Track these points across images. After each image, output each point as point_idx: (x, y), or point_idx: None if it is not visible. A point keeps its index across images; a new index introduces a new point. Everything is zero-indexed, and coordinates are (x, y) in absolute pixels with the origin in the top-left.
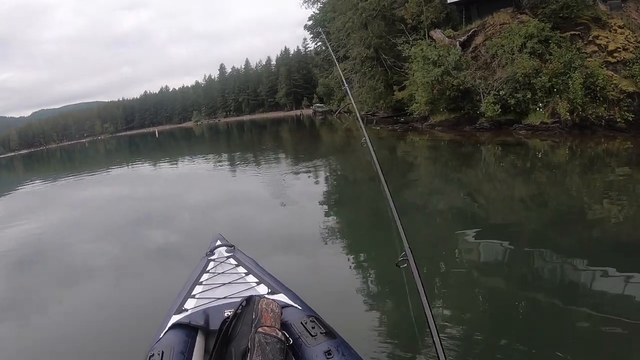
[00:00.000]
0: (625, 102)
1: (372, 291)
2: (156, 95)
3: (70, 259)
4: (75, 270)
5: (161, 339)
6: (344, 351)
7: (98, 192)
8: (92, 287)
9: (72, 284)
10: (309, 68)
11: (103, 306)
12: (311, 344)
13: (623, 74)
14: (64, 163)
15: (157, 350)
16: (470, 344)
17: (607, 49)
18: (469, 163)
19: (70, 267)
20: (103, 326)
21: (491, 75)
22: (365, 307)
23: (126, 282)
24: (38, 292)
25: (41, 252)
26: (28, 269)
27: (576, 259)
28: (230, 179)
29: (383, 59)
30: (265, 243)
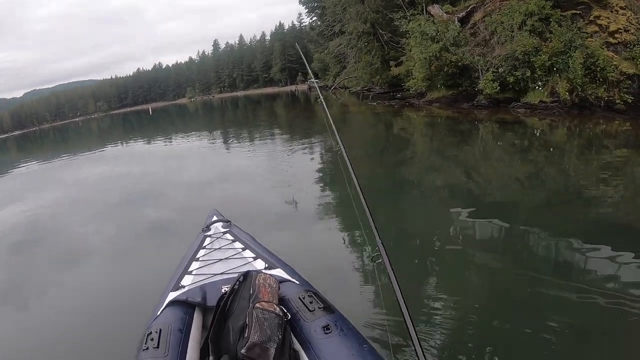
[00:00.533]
0: (625, 84)
1: (369, 266)
2: (149, 73)
3: (66, 239)
4: (71, 249)
5: (159, 316)
6: (342, 326)
7: (92, 171)
8: (88, 265)
9: (68, 263)
10: (304, 43)
11: (99, 285)
12: (309, 319)
13: (624, 55)
14: (57, 143)
15: (155, 328)
16: (466, 322)
17: (608, 29)
18: (466, 140)
19: (66, 246)
20: (100, 304)
21: (490, 52)
22: (363, 282)
23: (122, 260)
24: (34, 272)
25: (36, 233)
26: (23, 250)
27: (571, 238)
28: (224, 155)
29: (380, 34)
30: (261, 218)
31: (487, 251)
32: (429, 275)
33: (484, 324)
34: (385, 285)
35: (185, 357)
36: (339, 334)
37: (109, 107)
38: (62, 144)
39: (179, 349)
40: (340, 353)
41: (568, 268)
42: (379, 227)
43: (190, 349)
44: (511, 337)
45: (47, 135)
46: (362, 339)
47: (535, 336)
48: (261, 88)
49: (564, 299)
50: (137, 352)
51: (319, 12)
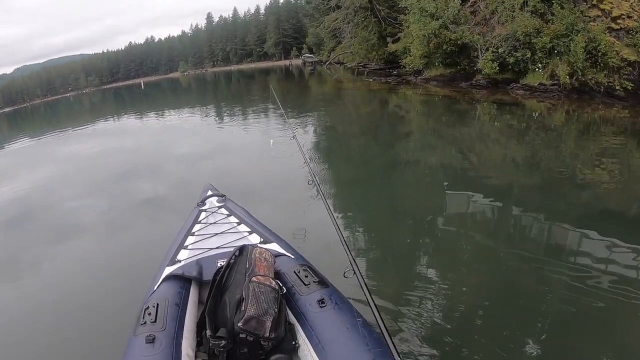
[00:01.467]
0: (626, 70)
1: (362, 240)
2: (141, 46)
3: (60, 215)
4: (66, 225)
5: (155, 291)
6: (337, 300)
7: (84, 147)
8: (83, 241)
9: (63, 240)
10: (299, 17)
11: (95, 260)
12: (304, 293)
13: (625, 41)
14: (49, 119)
15: (152, 303)
16: (458, 299)
17: (610, 14)
18: (463, 120)
19: (60, 222)
20: (96, 280)
21: (490, 31)
22: (357, 256)
23: (117, 235)
24: (28, 248)
25: (30, 209)
26: (16, 226)
27: (563, 222)
28: (218, 130)
29: (377, 9)
30: (255, 193)
31: (479, 231)
32: (420, 252)
33: (476, 305)
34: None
35: (182, 331)
36: (334, 307)
37: (100, 81)
38: (53, 120)
39: (176, 323)
40: (335, 326)
41: (559, 250)
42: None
43: (188, 323)
44: (502, 320)
45: (38, 111)
46: (356, 312)
47: (526, 320)
48: (255, 62)
49: (554, 281)
50: (134, 326)
51: None
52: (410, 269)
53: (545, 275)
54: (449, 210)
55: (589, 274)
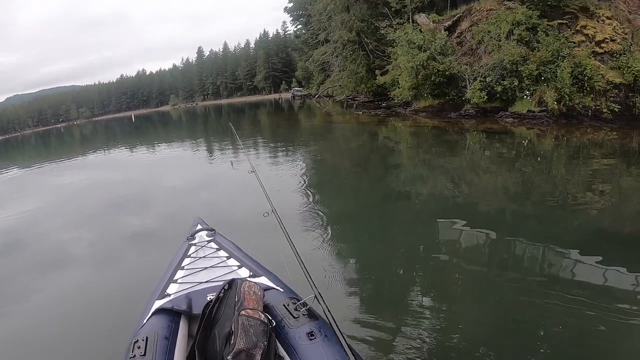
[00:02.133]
0: (612, 93)
1: (354, 273)
2: (133, 79)
3: (48, 246)
4: (54, 256)
5: (145, 324)
6: (327, 332)
7: (74, 178)
8: (71, 273)
9: (51, 271)
10: (288, 52)
11: (84, 293)
12: (294, 326)
13: (610, 64)
14: (39, 149)
15: (141, 336)
16: (453, 330)
17: (594, 39)
18: (453, 150)
19: (49, 253)
20: (85, 313)
21: (477, 61)
22: (345, 288)
23: (106, 268)
24: (15, 279)
25: (18, 239)
26: (4, 256)
27: (556, 245)
28: (207, 164)
29: (365, 42)
30: (244, 227)
31: (472, 260)
32: (414, 283)
33: (469, 334)
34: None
35: None
36: (323, 340)
37: (91, 113)
38: (44, 151)
39: (165, 357)
40: (325, 359)
41: (553, 276)
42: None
43: (177, 356)
44: (496, 348)
45: (29, 141)
46: (346, 344)
47: (521, 347)
48: (245, 96)
49: (548, 307)
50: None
51: (304, 21)
52: (402, 299)
53: (539, 301)
54: (440, 240)
55: (583, 298)
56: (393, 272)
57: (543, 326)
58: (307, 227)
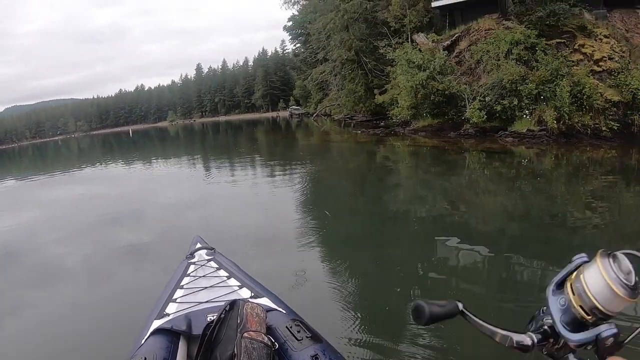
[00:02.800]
0: (611, 111)
1: (354, 294)
2: (131, 94)
3: (42, 261)
4: (48, 273)
5: (142, 345)
6: (331, 355)
7: (70, 192)
8: (65, 291)
9: (44, 287)
10: (287, 70)
11: (78, 311)
12: (297, 348)
13: (608, 83)
14: (36, 161)
15: (139, 357)
16: (453, 351)
17: (592, 57)
18: (452, 170)
19: (42, 269)
20: (79, 333)
21: (476, 81)
22: (349, 310)
23: (102, 285)
24: (6, 294)
25: (10, 253)
26: None
27: (556, 267)
28: (205, 181)
29: (364, 61)
30: (244, 246)
31: (471, 279)
32: (410, 299)
33: (470, 354)
34: (368, 313)
35: None
36: None
37: (89, 127)
38: (40, 163)
39: None
40: None
41: None
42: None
43: None
44: None
45: (26, 153)
46: None
47: None
48: (243, 114)
49: None
50: None
51: (303, 40)
52: (403, 321)
53: None
54: (438, 260)
55: None
56: (393, 292)
57: None
58: (305, 247)
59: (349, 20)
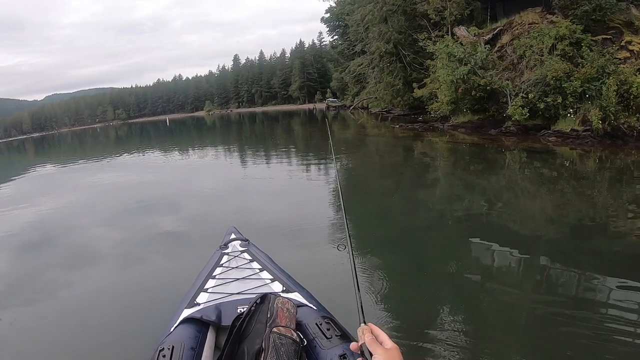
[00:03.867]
0: None
1: (386, 293)
2: (169, 84)
3: (78, 244)
4: (84, 255)
5: (172, 332)
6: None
7: (108, 178)
8: (99, 274)
9: (79, 270)
10: (324, 62)
11: (111, 294)
12: (326, 347)
13: None
14: (74, 147)
15: (167, 345)
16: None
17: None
18: (491, 169)
19: (78, 252)
20: (111, 315)
21: (518, 76)
22: (380, 310)
23: (134, 270)
24: (44, 275)
25: (49, 235)
26: (36, 251)
27: (594, 274)
28: (241, 171)
29: (402, 54)
30: (277, 238)
31: (505, 282)
32: (448, 307)
33: None
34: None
35: None
36: None
37: (127, 115)
38: (79, 149)
39: None
40: None
41: (590, 304)
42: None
43: None
44: None
45: (65, 140)
46: None
47: None
48: (279, 105)
49: (581, 336)
50: None
51: (340, 32)
52: (436, 324)
53: (574, 329)
54: (473, 261)
55: (623, 327)
56: (425, 294)
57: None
58: (339, 243)
59: (388, 12)
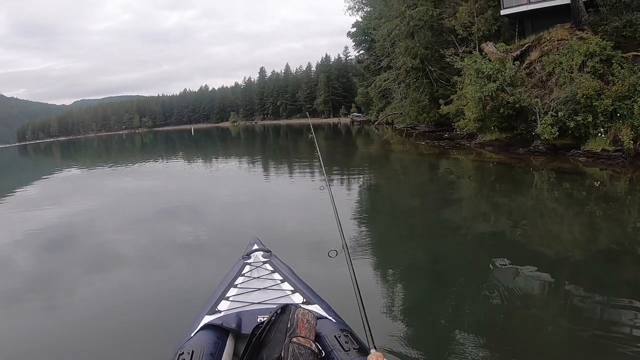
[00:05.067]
0: None
1: (405, 310)
2: (195, 94)
3: (101, 247)
4: (106, 258)
5: (192, 337)
6: None
7: (132, 183)
8: (121, 277)
9: (101, 270)
10: (349, 77)
11: (131, 294)
12: (343, 359)
13: None
14: (100, 152)
15: (187, 349)
16: None
17: None
18: (519, 189)
19: (101, 254)
20: (132, 317)
21: (547, 94)
22: (398, 326)
23: (158, 275)
24: (66, 275)
25: (74, 237)
26: (60, 252)
27: (622, 300)
28: (264, 182)
29: (429, 70)
30: (299, 250)
31: (525, 306)
32: (464, 328)
33: None
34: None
35: None
36: None
37: (153, 123)
38: (104, 154)
39: None
40: None
41: (616, 330)
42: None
43: None
44: None
45: (91, 145)
46: None
47: None
48: (304, 118)
49: None
50: None
51: (366, 46)
52: (453, 342)
53: (601, 356)
54: (494, 281)
55: None
56: (445, 311)
57: None
58: (360, 258)
59: (415, 27)
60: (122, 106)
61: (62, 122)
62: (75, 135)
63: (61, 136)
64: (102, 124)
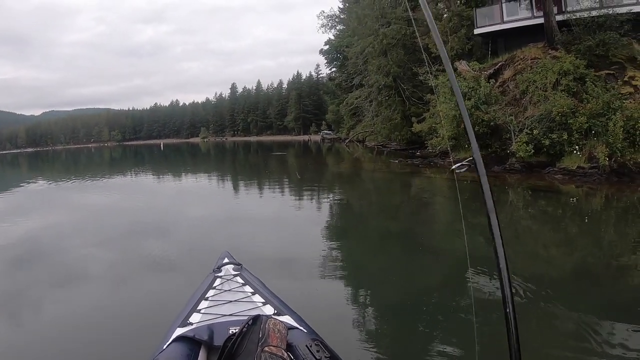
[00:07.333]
0: None
1: (375, 321)
2: (166, 108)
3: (69, 263)
4: (74, 274)
5: (164, 350)
6: None
7: (100, 198)
8: (89, 294)
9: (68, 289)
10: (320, 94)
11: (103, 313)
12: None
13: None
14: (68, 165)
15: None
16: None
17: None
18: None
19: (69, 271)
20: (102, 334)
21: (521, 112)
22: (369, 335)
23: (128, 291)
24: (32, 293)
25: (39, 253)
26: (24, 268)
27: (598, 314)
28: (234, 199)
29: (402, 88)
30: (270, 264)
31: (498, 322)
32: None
33: None
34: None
35: None
36: None
37: (122, 137)
38: (72, 167)
39: None
40: None
41: (591, 348)
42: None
43: None
44: None
45: (59, 157)
46: None
47: None
48: (274, 135)
49: None
50: None
51: (338, 64)
52: (418, 350)
53: None
54: (472, 301)
55: None
56: (415, 323)
57: None
58: (330, 272)
59: (388, 45)
60: (91, 119)
61: (30, 132)
62: (43, 147)
63: (29, 147)
64: (70, 136)
